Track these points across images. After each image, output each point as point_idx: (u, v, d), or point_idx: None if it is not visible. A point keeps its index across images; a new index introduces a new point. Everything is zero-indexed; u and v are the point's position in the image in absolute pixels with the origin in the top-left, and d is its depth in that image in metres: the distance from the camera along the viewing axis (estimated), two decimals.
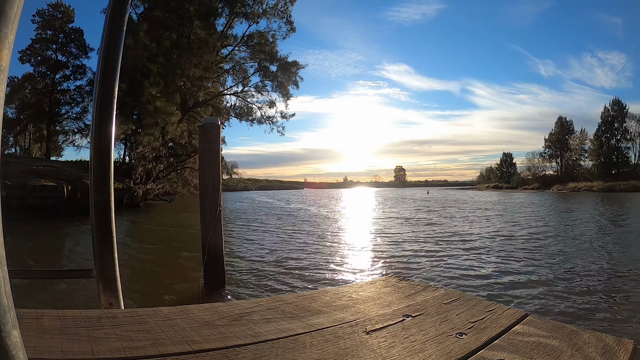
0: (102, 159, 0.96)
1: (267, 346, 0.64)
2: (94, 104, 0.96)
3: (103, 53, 0.96)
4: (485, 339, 0.69)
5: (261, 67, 25.43)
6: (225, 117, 26.01)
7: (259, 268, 5.40)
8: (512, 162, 77.82)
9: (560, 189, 53.47)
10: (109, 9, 0.95)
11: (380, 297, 0.96)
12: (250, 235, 9.09)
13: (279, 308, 0.84)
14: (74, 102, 29.92)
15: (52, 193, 14.19)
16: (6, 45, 0.33)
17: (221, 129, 4.72)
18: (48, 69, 29.02)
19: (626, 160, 54.74)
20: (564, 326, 0.75)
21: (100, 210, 0.97)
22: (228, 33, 24.84)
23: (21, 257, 6.14)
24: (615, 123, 54.98)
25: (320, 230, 10.15)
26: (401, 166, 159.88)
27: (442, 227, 10.48)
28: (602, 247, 7.08)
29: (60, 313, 0.71)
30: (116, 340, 0.62)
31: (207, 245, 4.08)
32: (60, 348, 0.58)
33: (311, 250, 6.88)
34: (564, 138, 62.12)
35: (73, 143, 31.03)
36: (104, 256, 0.96)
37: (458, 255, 6.32)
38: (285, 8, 24.64)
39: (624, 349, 0.64)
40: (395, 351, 0.64)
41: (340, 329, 0.73)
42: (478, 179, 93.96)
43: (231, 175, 31.89)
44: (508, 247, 7.03)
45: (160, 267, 5.75)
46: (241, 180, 69.22)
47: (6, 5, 0.32)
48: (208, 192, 4.18)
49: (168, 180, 21.26)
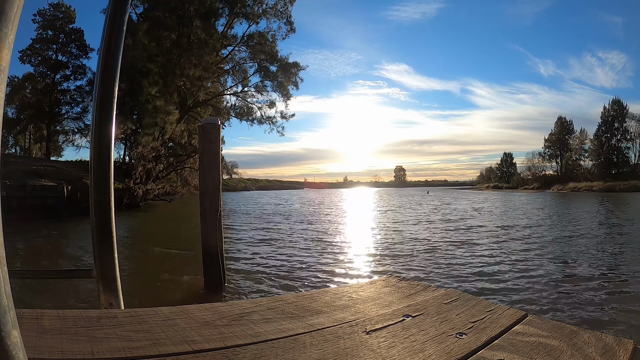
0: (102, 159, 0.96)
1: (267, 346, 0.64)
2: (94, 104, 0.96)
3: (103, 53, 0.96)
4: (485, 339, 0.69)
5: (261, 68, 25.44)
6: (225, 117, 26.03)
7: (260, 269, 5.40)
8: (512, 162, 77.91)
9: (560, 189, 53.47)
10: (109, 9, 0.95)
11: (380, 297, 0.96)
12: (254, 236, 9.09)
13: (279, 308, 0.84)
14: (74, 102, 29.96)
15: (52, 193, 14.20)
16: (6, 45, 0.33)
17: (221, 129, 4.72)
18: (48, 69, 29.03)
19: (626, 160, 54.80)
20: (564, 326, 0.75)
21: (100, 210, 0.97)
22: (228, 33, 24.88)
23: (21, 257, 6.14)
24: (616, 123, 55.00)
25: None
26: (401, 166, 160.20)
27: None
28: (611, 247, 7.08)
29: (60, 313, 0.71)
30: (116, 340, 0.62)
31: (207, 246, 4.08)
32: (60, 348, 0.57)
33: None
34: (564, 138, 62.15)
35: (73, 143, 31.10)
36: (104, 256, 0.96)
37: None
38: (285, 8, 24.66)
39: (624, 349, 0.64)
40: (395, 351, 0.64)
41: (340, 329, 0.73)
42: (478, 179, 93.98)
43: (231, 175, 31.92)
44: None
45: (160, 267, 5.75)
46: (241, 180, 69.22)
47: (6, 5, 0.32)
48: (208, 192, 4.18)
49: (168, 180, 21.26)
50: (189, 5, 22.11)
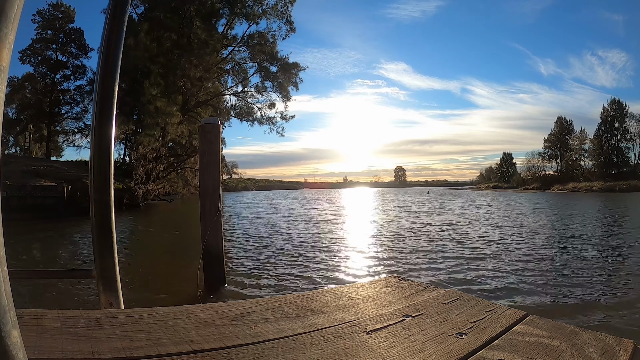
0: (102, 159, 0.96)
1: (267, 346, 0.64)
2: (94, 104, 0.96)
3: (103, 53, 0.96)
4: (485, 339, 0.69)
5: (261, 68, 25.45)
6: (226, 117, 26.04)
7: (261, 269, 5.40)
8: (512, 162, 77.96)
9: (560, 189, 53.44)
10: (109, 9, 0.95)
11: (380, 297, 0.96)
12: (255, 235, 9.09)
13: (279, 308, 0.84)
14: (74, 102, 29.98)
15: (52, 193, 14.20)
16: (6, 45, 0.33)
17: (221, 129, 4.72)
18: (48, 69, 29.04)
19: (626, 160, 54.78)
20: (564, 326, 0.75)
21: (100, 210, 0.97)
22: (228, 33, 24.89)
23: (21, 257, 6.15)
24: (615, 123, 55.00)
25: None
26: (401, 166, 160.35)
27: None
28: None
29: (60, 313, 0.71)
30: (116, 340, 0.62)
31: (207, 245, 4.08)
32: (60, 348, 0.58)
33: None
34: (564, 138, 62.16)
35: (73, 143, 31.11)
36: (104, 256, 0.96)
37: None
38: (285, 8, 24.66)
39: (624, 349, 0.64)
40: (395, 351, 0.64)
41: (340, 329, 0.73)
42: (478, 179, 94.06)
43: (231, 175, 32.03)
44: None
45: (160, 267, 5.75)
46: (241, 180, 69.34)
47: (6, 5, 0.32)
48: (208, 192, 4.18)
49: (168, 180, 21.28)
50: (190, 6, 22.12)
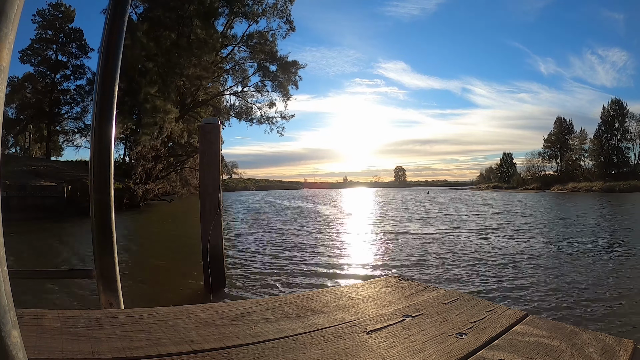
0: (102, 159, 0.96)
1: (267, 346, 0.64)
2: (94, 104, 0.96)
3: (103, 53, 0.96)
4: (485, 339, 0.69)
5: (261, 67, 25.44)
6: (225, 117, 26.04)
7: (261, 269, 5.39)
8: (512, 162, 77.96)
9: (560, 189, 53.44)
10: (109, 9, 0.94)
11: (380, 297, 0.96)
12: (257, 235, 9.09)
13: (279, 308, 0.84)
14: (74, 102, 30.03)
15: (52, 193, 14.20)
16: (6, 45, 0.33)
17: (221, 129, 4.72)
18: (48, 69, 29.05)
19: (626, 160, 54.80)
20: (564, 326, 0.75)
21: (100, 210, 0.97)
22: (228, 33, 24.87)
23: (21, 257, 6.14)
24: (616, 123, 54.98)
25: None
26: (401, 166, 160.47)
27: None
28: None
29: (60, 313, 0.71)
30: (116, 340, 0.62)
31: (207, 246, 4.08)
32: (60, 348, 0.57)
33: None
34: (564, 138, 62.13)
35: (73, 143, 31.13)
36: (103, 256, 0.96)
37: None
38: (285, 7, 24.66)
39: (624, 349, 0.64)
40: (395, 351, 0.64)
41: (340, 329, 0.73)
42: (478, 179, 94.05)
43: (231, 175, 31.95)
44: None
45: (160, 267, 5.75)
46: (241, 180, 69.26)
47: (6, 5, 0.32)
48: (208, 192, 4.18)
49: (168, 180, 21.26)
50: (189, 5, 22.09)
